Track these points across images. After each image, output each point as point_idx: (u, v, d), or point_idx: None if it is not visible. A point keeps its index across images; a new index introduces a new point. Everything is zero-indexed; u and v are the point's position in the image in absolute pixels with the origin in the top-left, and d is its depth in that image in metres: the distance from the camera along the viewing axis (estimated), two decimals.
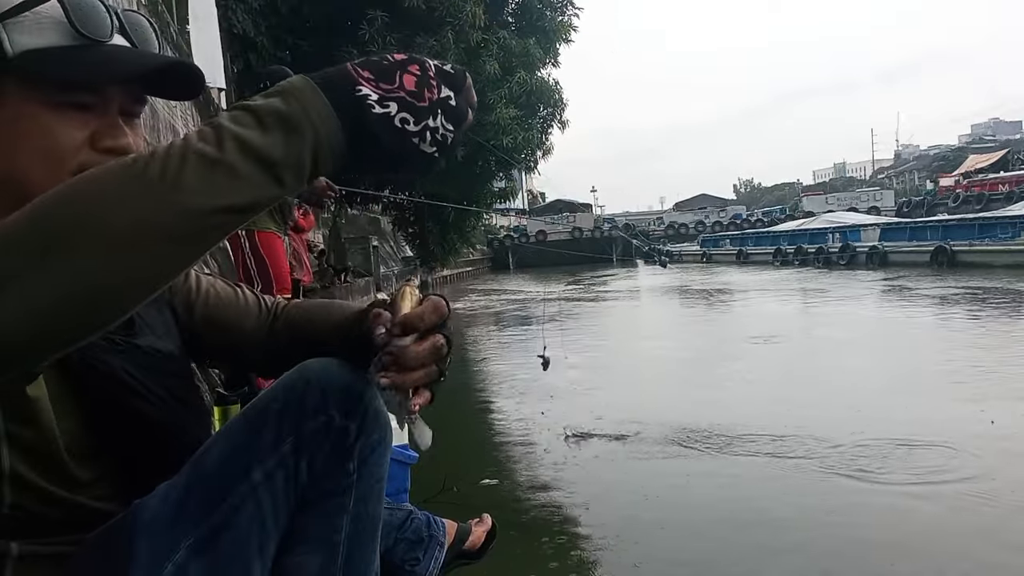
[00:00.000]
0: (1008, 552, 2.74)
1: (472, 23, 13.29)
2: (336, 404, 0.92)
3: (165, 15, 7.98)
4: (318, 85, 0.65)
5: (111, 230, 0.59)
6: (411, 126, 0.67)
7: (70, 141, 0.80)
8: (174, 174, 0.59)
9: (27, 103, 0.78)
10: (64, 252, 0.58)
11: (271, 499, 0.90)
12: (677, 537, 2.96)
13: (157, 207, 0.59)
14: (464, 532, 1.54)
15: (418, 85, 0.67)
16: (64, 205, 0.60)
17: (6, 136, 0.78)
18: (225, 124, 0.62)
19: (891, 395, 5.17)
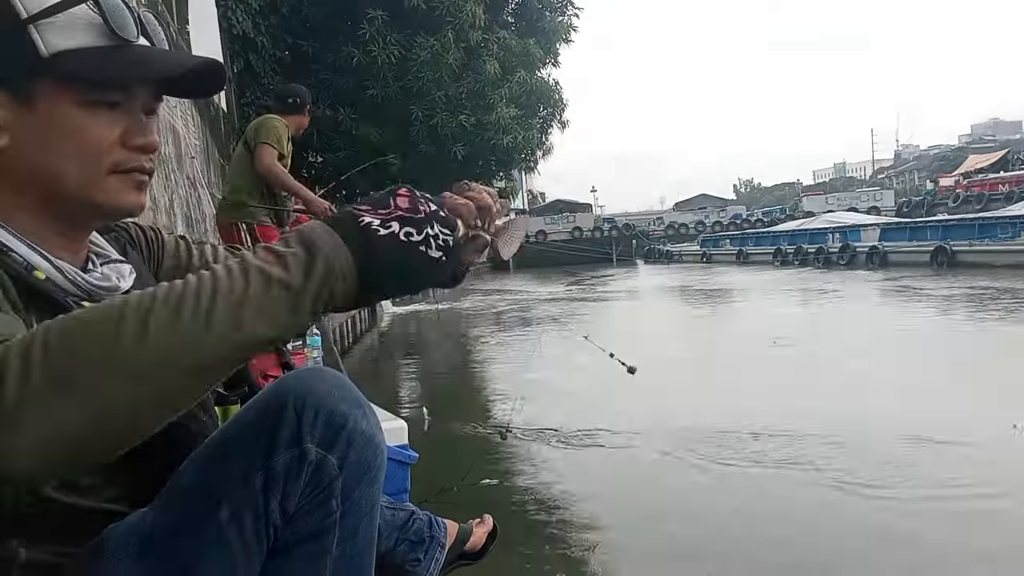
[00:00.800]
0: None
1: (472, 23, 13.29)
2: (313, 434, 0.84)
3: (165, 15, 7.97)
4: (328, 225, 0.71)
5: (142, 370, 0.61)
6: (415, 236, 0.72)
7: (104, 140, 0.82)
8: (205, 313, 0.63)
9: (60, 103, 0.79)
10: (93, 388, 0.60)
11: (240, 541, 0.83)
12: (679, 541, 2.96)
13: (189, 346, 0.62)
14: (465, 533, 1.53)
15: (411, 203, 0.73)
16: (94, 345, 0.61)
17: (40, 137, 0.79)
18: (250, 260, 0.66)
19: (919, 399, 4.95)
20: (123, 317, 0.61)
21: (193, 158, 8.41)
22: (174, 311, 0.62)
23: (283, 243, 0.69)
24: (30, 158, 0.79)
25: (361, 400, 0.91)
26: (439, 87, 13.27)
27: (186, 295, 0.63)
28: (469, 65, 13.70)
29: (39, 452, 0.59)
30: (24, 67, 0.76)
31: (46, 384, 0.58)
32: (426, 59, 12.95)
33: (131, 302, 0.62)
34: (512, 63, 14.43)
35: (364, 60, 12.98)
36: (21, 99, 0.78)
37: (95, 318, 0.62)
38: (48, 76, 0.77)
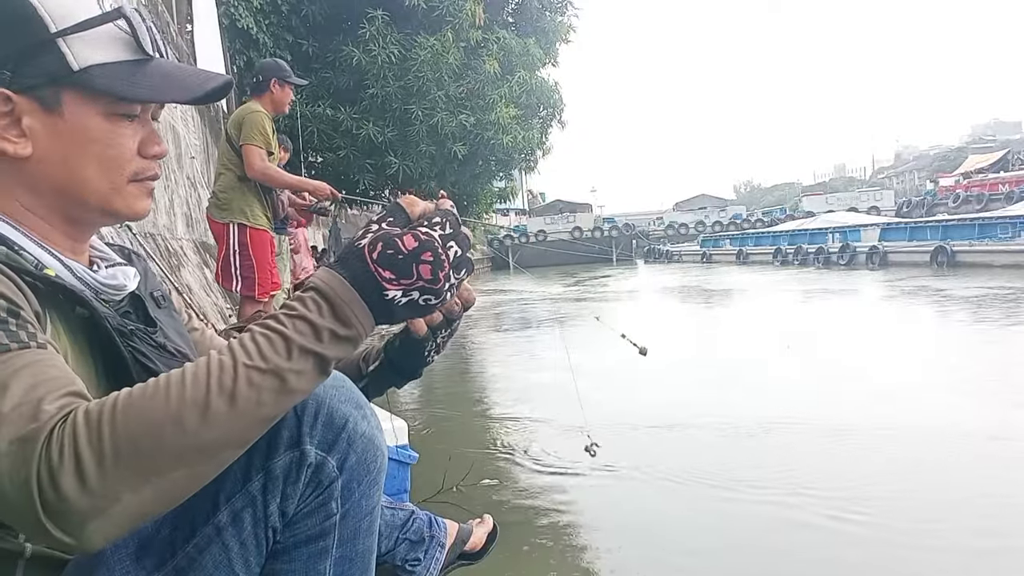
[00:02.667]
0: None
1: (472, 22, 13.30)
2: (313, 436, 0.84)
3: (165, 15, 7.97)
4: (352, 287, 0.74)
5: (204, 455, 0.67)
6: (433, 301, 0.78)
7: (126, 150, 0.86)
8: (256, 398, 0.68)
9: (87, 114, 0.82)
10: (155, 476, 0.65)
11: (239, 543, 0.83)
12: (681, 544, 2.95)
13: (244, 427, 0.69)
14: (465, 533, 1.53)
15: (433, 271, 0.76)
16: (161, 438, 0.65)
17: (65, 145, 0.82)
18: (292, 338, 0.71)
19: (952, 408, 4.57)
20: (182, 411, 0.65)
21: (193, 158, 8.42)
22: (230, 396, 0.67)
23: (315, 306, 0.73)
24: (55, 165, 0.82)
25: (361, 401, 0.91)
26: (439, 86, 13.28)
27: (238, 381, 0.68)
28: (469, 65, 13.71)
29: (115, 532, 0.65)
30: (54, 78, 0.79)
31: (123, 470, 0.63)
32: (426, 58, 12.96)
33: (188, 392, 0.66)
34: (512, 63, 14.44)
35: (364, 59, 12.99)
36: (49, 109, 0.80)
37: (156, 403, 0.66)
38: (77, 88, 0.80)
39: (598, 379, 6.00)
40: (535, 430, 4.71)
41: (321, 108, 13.24)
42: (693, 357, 7.12)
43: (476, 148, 14.22)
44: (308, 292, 0.74)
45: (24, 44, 0.78)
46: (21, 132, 0.80)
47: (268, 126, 3.85)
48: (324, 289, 0.74)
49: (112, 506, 0.63)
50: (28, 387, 0.66)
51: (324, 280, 0.74)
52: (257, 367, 0.68)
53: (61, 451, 0.62)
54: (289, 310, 0.73)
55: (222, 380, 0.67)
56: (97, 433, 0.63)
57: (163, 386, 0.67)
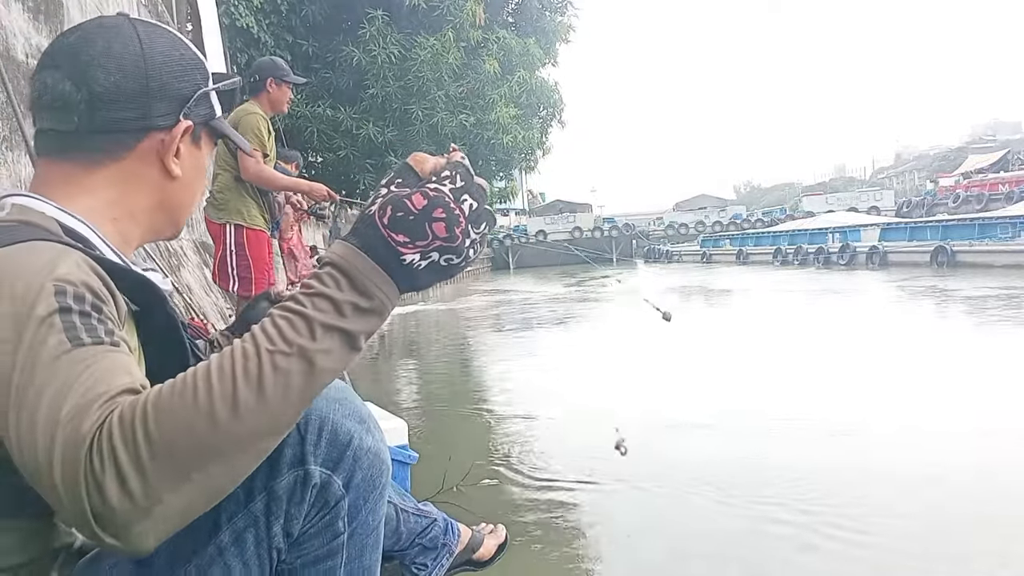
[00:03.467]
0: None
1: (472, 22, 13.28)
2: (317, 454, 0.82)
3: (165, 15, 7.97)
4: (370, 259, 0.73)
5: (241, 448, 0.66)
6: (455, 260, 0.75)
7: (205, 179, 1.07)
8: (284, 384, 0.67)
9: (206, 151, 1.02)
10: (194, 473, 0.65)
11: (241, 564, 0.81)
12: (682, 547, 2.94)
13: (275, 416, 0.67)
14: (476, 542, 1.54)
15: (448, 228, 0.73)
16: (195, 437, 0.65)
17: (194, 173, 1.00)
18: (312, 316, 0.69)
19: None
20: (212, 398, 0.65)
21: None
22: (257, 387, 0.66)
23: (332, 282, 0.71)
24: (186, 187, 0.99)
25: (364, 414, 0.89)
26: (439, 86, 13.27)
27: (263, 368, 0.66)
28: (469, 64, 13.70)
29: (163, 531, 0.65)
30: (205, 119, 0.99)
31: (162, 473, 0.63)
32: (426, 58, 12.95)
33: (215, 384, 0.66)
34: (512, 63, 14.44)
35: (364, 59, 12.98)
36: (195, 143, 0.99)
37: (186, 402, 0.65)
38: (210, 130, 1.01)
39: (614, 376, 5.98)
40: (535, 430, 4.71)
41: (321, 108, 13.24)
42: (709, 359, 7.11)
43: (476, 148, 14.21)
44: (324, 268, 0.73)
45: (199, 89, 0.97)
46: (179, 157, 0.96)
47: (263, 128, 3.84)
48: (339, 262, 0.72)
49: (155, 507, 0.63)
50: (86, 389, 0.66)
51: (339, 253, 0.73)
52: (281, 351, 0.67)
53: (102, 459, 0.62)
54: (307, 288, 0.72)
55: (247, 369, 0.66)
56: (132, 437, 0.63)
57: (191, 382, 0.66)
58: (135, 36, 0.92)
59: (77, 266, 0.75)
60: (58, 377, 0.66)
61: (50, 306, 0.70)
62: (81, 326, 0.70)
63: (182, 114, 0.94)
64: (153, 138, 0.93)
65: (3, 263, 0.73)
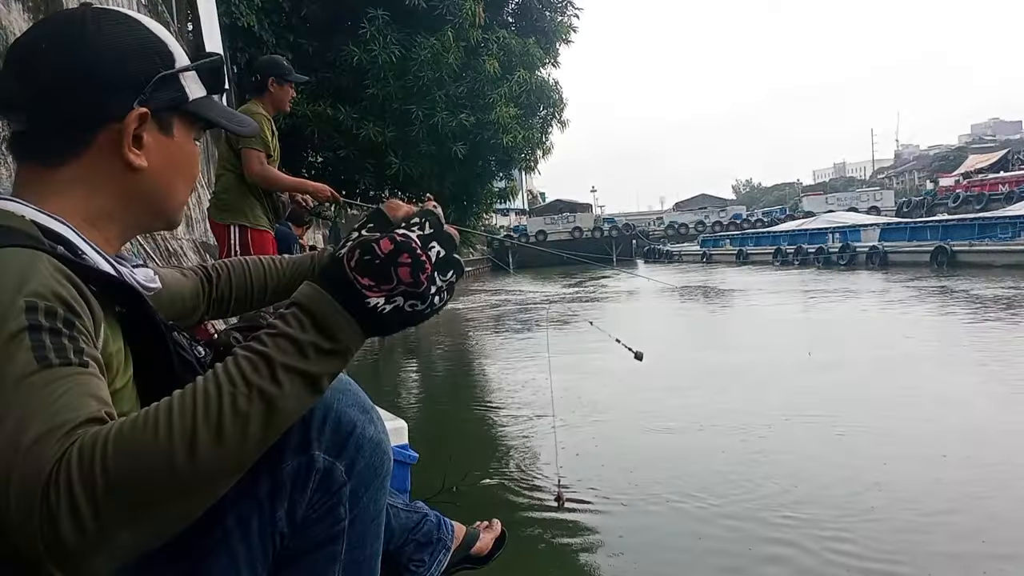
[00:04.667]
0: None
1: (472, 21, 13.28)
2: (321, 441, 0.84)
3: (165, 15, 7.97)
4: (334, 299, 0.73)
5: (196, 487, 0.66)
6: (420, 305, 0.75)
7: (198, 169, 1.00)
8: (243, 426, 0.67)
9: (186, 138, 0.96)
10: (149, 512, 0.65)
11: (246, 549, 0.82)
12: (681, 547, 2.94)
13: (233, 458, 0.67)
14: (472, 537, 1.53)
15: (413, 273, 0.74)
16: (150, 476, 0.65)
17: (169, 163, 0.94)
18: (275, 358, 0.70)
19: None
20: (171, 441, 0.65)
21: None
22: (216, 430, 0.66)
23: (296, 323, 0.72)
24: (159, 179, 0.93)
25: (367, 404, 0.91)
26: (439, 86, 13.26)
27: (223, 408, 0.67)
28: (469, 64, 13.69)
29: (113, 565, 0.65)
30: (174, 105, 0.93)
31: (117, 512, 0.64)
32: (426, 58, 12.94)
33: (175, 425, 0.66)
34: (512, 62, 14.42)
35: (364, 59, 12.97)
36: (164, 130, 0.92)
37: (146, 443, 0.65)
38: (183, 114, 0.94)
39: (602, 378, 5.99)
40: (535, 430, 4.70)
41: (321, 108, 13.22)
42: (722, 362, 7.11)
43: (476, 148, 14.19)
44: (290, 308, 0.73)
45: (159, 73, 0.90)
46: (141, 147, 0.90)
47: (267, 129, 3.84)
48: (304, 303, 0.73)
49: (108, 544, 0.64)
50: (49, 416, 0.66)
51: (305, 294, 0.74)
52: (241, 392, 0.67)
53: (58, 494, 0.63)
54: (271, 328, 0.72)
55: (208, 411, 0.66)
56: (90, 474, 0.63)
57: (152, 421, 0.66)
58: (84, 26, 0.88)
59: (50, 276, 0.74)
60: (21, 400, 0.66)
61: (20, 323, 0.69)
62: (50, 345, 0.69)
63: (136, 101, 0.87)
64: (111, 130, 0.87)
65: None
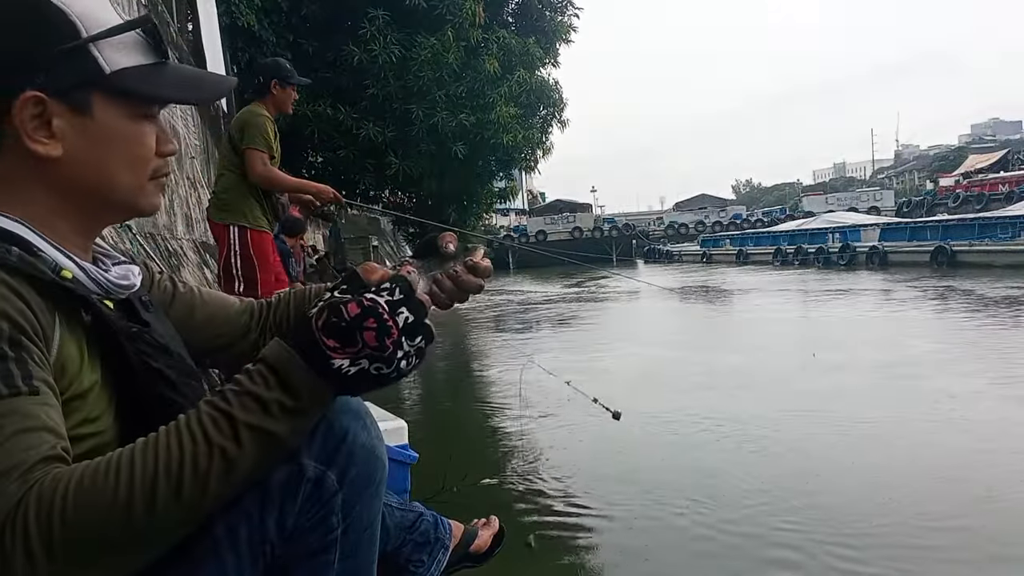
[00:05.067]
0: None
1: (472, 21, 13.28)
2: (311, 449, 0.82)
3: (165, 15, 7.96)
4: (299, 357, 0.73)
5: (153, 537, 0.69)
6: (386, 369, 0.75)
7: (149, 149, 0.88)
8: (202, 483, 0.68)
9: (115, 116, 0.83)
10: (104, 559, 0.67)
11: (235, 558, 0.81)
12: (687, 544, 2.94)
13: (191, 511, 0.69)
14: (470, 536, 1.53)
15: (378, 337, 0.74)
16: (109, 525, 0.66)
17: (96, 147, 0.83)
18: (239, 418, 0.71)
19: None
20: (131, 495, 0.66)
21: (193, 158, 8.42)
22: (176, 487, 0.67)
23: (261, 380, 0.72)
24: (85, 166, 0.83)
25: (361, 410, 0.89)
26: (439, 86, 13.27)
27: (184, 465, 0.68)
28: (469, 64, 13.69)
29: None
30: (86, 81, 0.81)
31: (72, 559, 0.64)
32: (426, 58, 12.95)
33: (136, 478, 0.67)
34: (512, 62, 14.42)
35: (364, 59, 12.98)
36: (79, 111, 0.81)
37: (106, 495, 0.66)
38: (107, 90, 0.82)
39: (607, 378, 5.98)
40: (536, 430, 4.70)
41: (321, 108, 13.22)
42: (739, 365, 7.10)
43: (476, 148, 14.20)
44: (256, 365, 0.74)
45: (56, 48, 0.79)
46: (51, 134, 0.80)
47: (270, 129, 3.85)
48: (270, 360, 0.73)
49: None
50: (2, 456, 0.65)
51: (272, 351, 0.74)
52: (202, 452, 0.68)
53: (14, 539, 0.63)
54: (236, 385, 0.73)
55: (169, 467, 0.67)
56: (48, 522, 0.64)
57: (113, 472, 0.67)
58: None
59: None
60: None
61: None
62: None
63: (27, 85, 0.77)
64: (6, 119, 0.78)
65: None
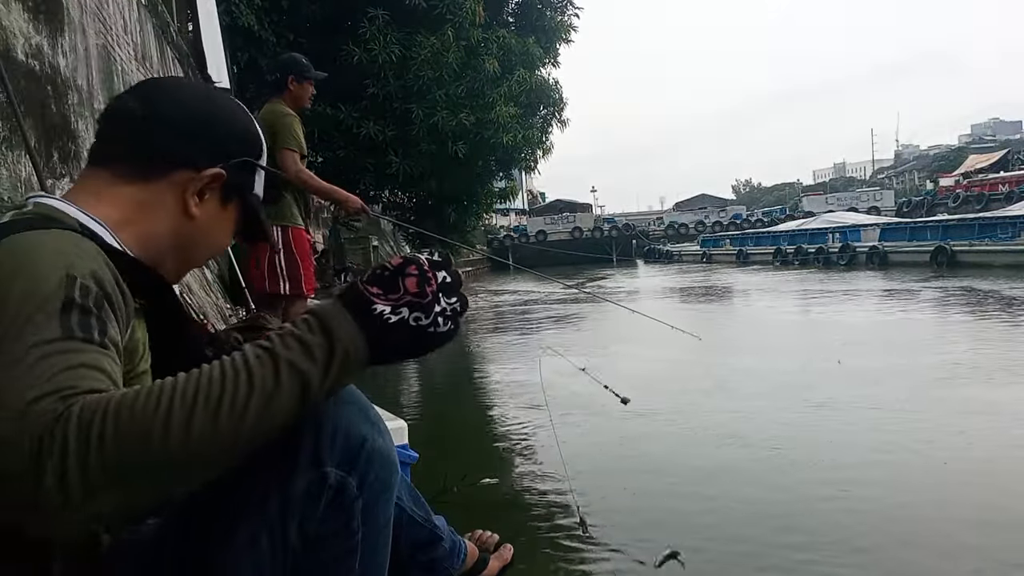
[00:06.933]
0: None
1: (472, 20, 13.27)
2: (332, 455, 0.84)
3: (165, 15, 7.96)
4: (343, 306, 0.78)
5: (186, 462, 0.69)
6: (424, 320, 0.79)
7: (222, 248, 1.12)
8: (240, 412, 0.70)
9: (231, 219, 1.06)
10: (130, 480, 0.68)
11: (255, 565, 0.82)
12: (690, 543, 2.94)
13: (226, 441, 0.70)
14: (482, 563, 1.52)
15: (419, 284, 0.79)
16: (145, 443, 0.68)
17: (210, 228, 1.03)
18: (281, 354, 0.74)
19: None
20: (170, 416, 0.68)
21: None
22: (214, 413, 0.69)
23: (305, 326, 0.76)
24: (195, 233, 1.01)
25: (374, 416, 0.91)
26: (439, 86, 13.26)
27: (224, 392, 0.70)
28: (469, 64, 13.69)
29: (84, 525, 0.69)
30: (242, 188, 1.05)
31: (103, 475, 0.66)
32: (426, 58, 12.94)
33: (176, 401, 0.69)
34: (512, 61, 14.42)
35: (364, 58, 12.97)
36: (223, 202, 1.04)
37: (145, 414, 0.68)
38: (243, 202, 1.06)
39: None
40: (536, 430, 4.70)
41: (321, 107, 13.22)
42: (753, 368, 7.10)
43: (476, 147, 14.19)
44: (303, 315, 0.79)
45: (248, 155, 1.04)
46: (201, 201, 1.00)
47: (299, 129, 3.88)
48: (316, 310, 0.78)
49: (88, 501, 0.66)
50: (58, 379, 0.69)
51: (318, 303, 0.81)
52: (242, 382, 0.71)
53: (52, 448, 0.65)
54: (281, 330, 0.77)
55: (209, 393, 0.69)
56: (86, 434, 0.65)
57: (155, 394, 0.69)
58: (223, 97, 1.07)
59: (91, 258, 0.78)
60: (32, 362, 0.69)
61: (54, 294, 0.73)
62: (77, 321, 0.73)
63: (219, 164, 0.99)
64: (185, 174, 0.97)
65: (25, 246, 0.77)
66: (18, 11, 4.03)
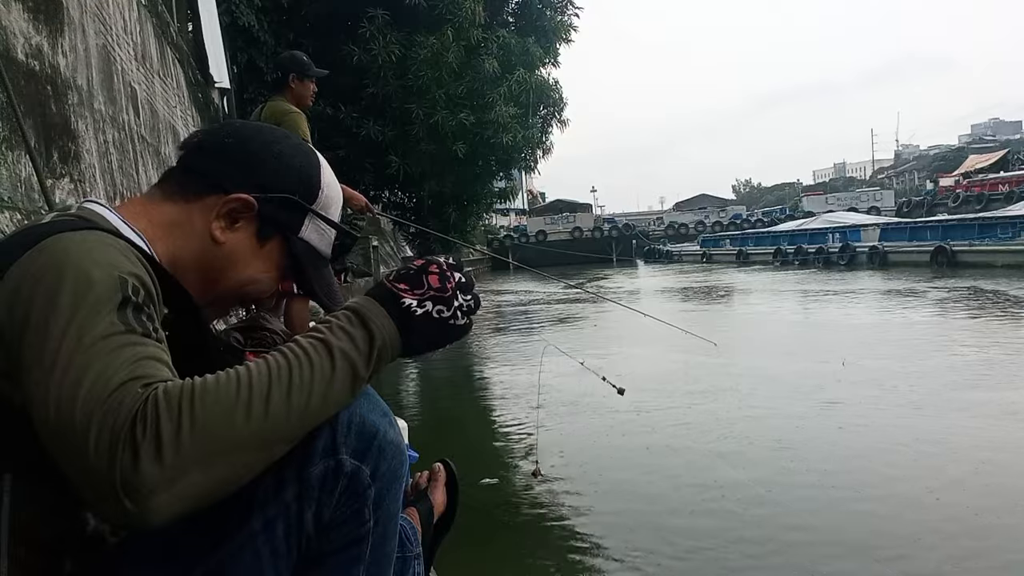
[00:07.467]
0: None
1: (472, 20, 13.26)
2: (348, 444, 0.86)
3: (165, 15, 7.96)
4: (376, 301, 0.85)
5: (265, 443, 0.75)
6: (445, 312, 0.88)
7: (257, 290, 1.07)
8: (308, 395, 0.76)
9: (272, 260, 1.03)
10: (220, 458, 0.72)
11: (271, 551, 0.84)
12: (680, 545, 2.94)
13: (296, 422, 0.77)
14: (427, 512, 1.51)
15: (440, 280, 0.89)
16: (230, 425, 0.72)
17: (241, 261, 1.01)
18: (333, 343, 0.80)
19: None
20: (251, 399, 0.73)
21: None
22: (286, 394, 0.75)
23: (346, 320, 0.83)
24: (221, 261, 1.00)
25: (386, 409, 0.94)
26: (439, 85, 13.25)
27: (293, 376, 0.76)
28: (469, 63, 13.68)
29: (178, 507, 0.70)
30: (281, 226, 1.01)
31: (194, 454, 0.70)
32: (426, 57, 12.93)
33: (254, 383, 0.74)
34: (511, 61, 14.41)
35: (364, 58, 12.96)
36: (259, 238, 1.01)
37: (229, 396, 0.73)
38: (284, 245, 1.02)
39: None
40: (536, 430, 4.70)
41: (321, 107, 13.22)
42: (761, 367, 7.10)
43: (476, 147, 14.18)
44: (340, 310, 0.85)
45: (292, 193, 1.01)
46: (229, 230, 0.98)
47: (304, 126, 3.89)
48: (352, 304, 0.85)
49: (180, 481, 0.69)
50: (132, 367, 0.72)
51: (352, 301, 0.87)
52: (305, 366, 0.77)
53: (145, 427, 0.68)
54: (326, 323, 0.83)
55: (280, 376, 0.75)
56: (177, 411, 0.69)
57: (233, 379, 0.74)
58: (282, 133, 1.07)
59: (133, 263, 0.82)
60: (103, 355, 0.72)
61: (111, 292, 0.77)
62: (133, 317, 0.77)
63: (251, 193, 0.98)
64: (217, 198, 0.98)
65: (76, 246, 0.80)
66: (18, 11, 4.03)
